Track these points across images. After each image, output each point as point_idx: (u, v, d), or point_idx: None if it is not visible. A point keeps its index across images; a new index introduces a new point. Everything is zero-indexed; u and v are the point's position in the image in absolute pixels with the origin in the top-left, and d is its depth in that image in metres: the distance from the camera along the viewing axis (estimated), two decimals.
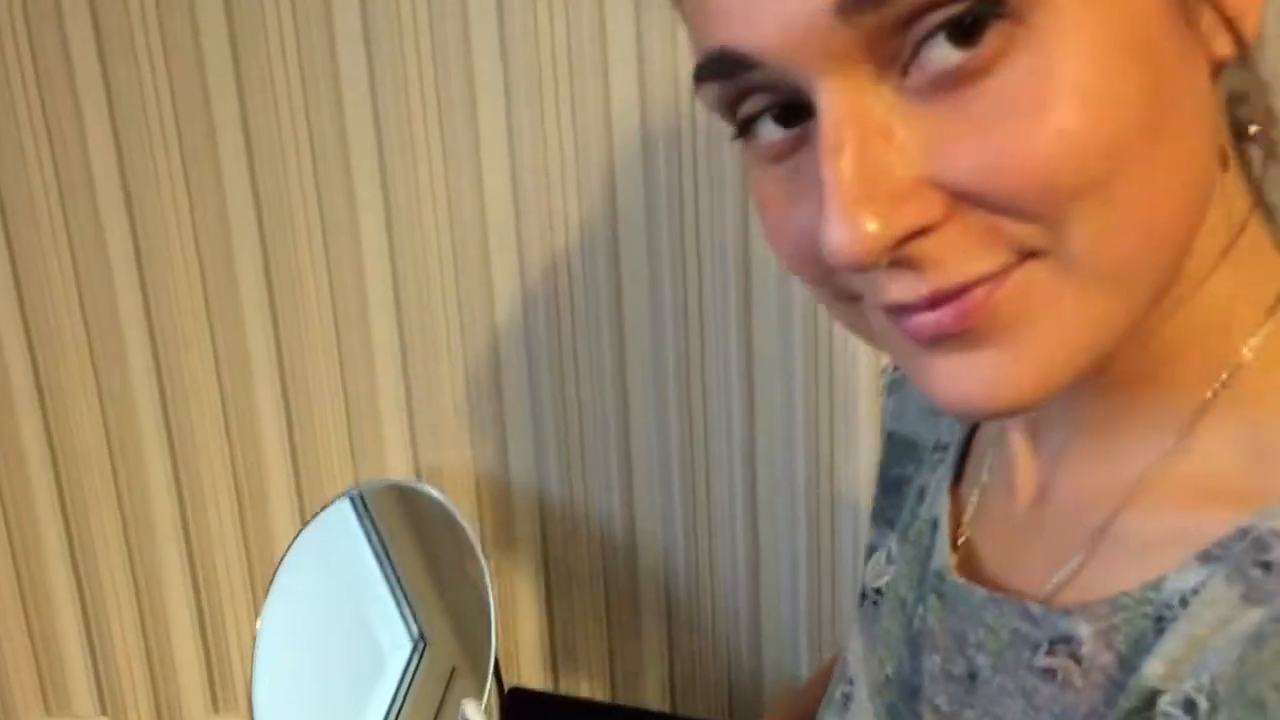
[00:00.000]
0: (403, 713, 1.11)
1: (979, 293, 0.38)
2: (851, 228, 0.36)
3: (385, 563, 1.14)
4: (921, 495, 0.58)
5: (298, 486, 1.15)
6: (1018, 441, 0.51)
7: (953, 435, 0.57)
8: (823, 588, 1.14)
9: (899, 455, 0.62)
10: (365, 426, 1.13)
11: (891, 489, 0.62)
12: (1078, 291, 0.38)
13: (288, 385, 1.12)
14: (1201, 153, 0.40)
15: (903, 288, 0.39)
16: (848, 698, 0.58)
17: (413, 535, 1.15)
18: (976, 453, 0.55)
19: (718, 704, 1.17)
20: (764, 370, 1.07)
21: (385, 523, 1.14)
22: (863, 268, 0.37)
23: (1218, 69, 0.41)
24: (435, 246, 1.07)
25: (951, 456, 0.56)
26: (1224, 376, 0.43)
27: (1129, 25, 0.37)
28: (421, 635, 1.12)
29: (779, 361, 1.06)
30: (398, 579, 1.15)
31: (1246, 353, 0.43)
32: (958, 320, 0.39)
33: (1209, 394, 0.43)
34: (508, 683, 1.15)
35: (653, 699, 1.18)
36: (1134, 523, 0.44)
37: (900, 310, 0.40)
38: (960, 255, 0.38)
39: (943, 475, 0.56)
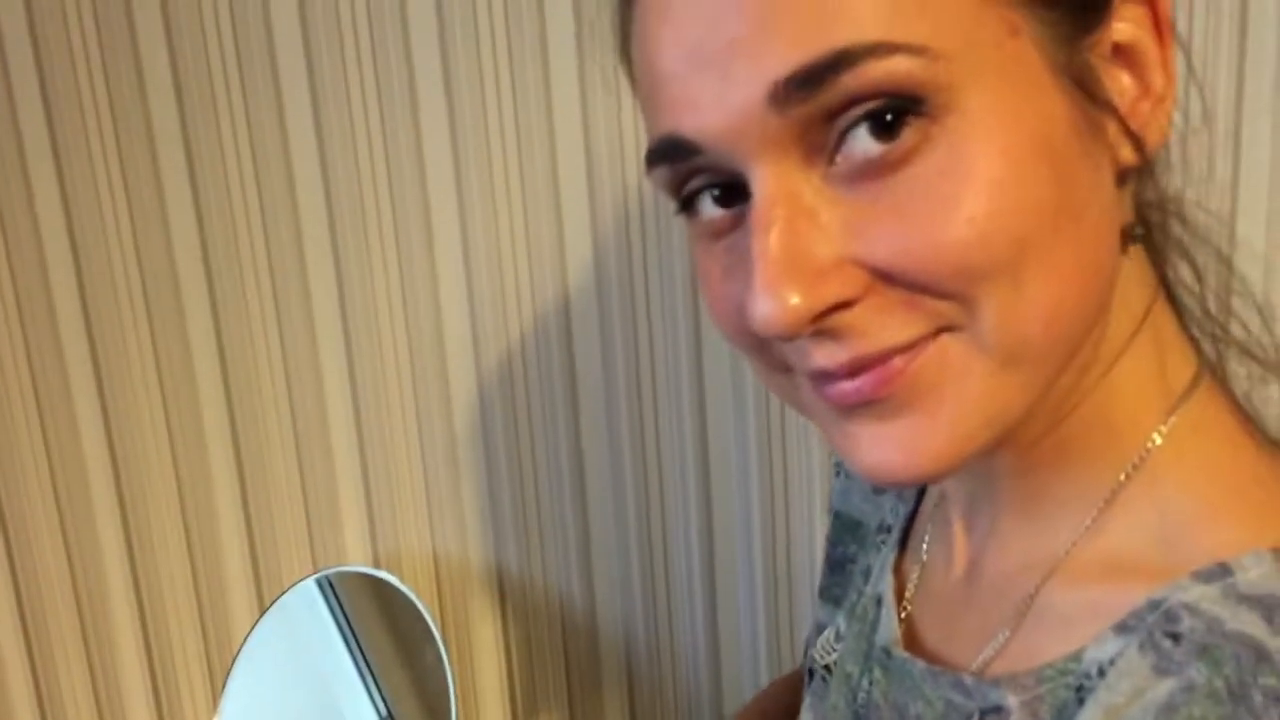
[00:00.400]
0: None
1: (897, 362, 0.42)
2: (776, 300, 0.40)
3: (350, 644, 1.14)
4: (867, 574, 0.60)
5: (256, 577, 1.15)
6: (954, 520, 0.54)
7: (895, 516, 0.60)
8: (782, 658, 1.15)
9: (845, 535, 0.65)
10: (323, 514, 1.13)
11: (838, 568, 0.64)
12: (987, 365, 0.41)
13: (245, 474, 1.12)
14: (1103, 245, 0.43)
15: (825, 355, 0.42)
16: None
17: (375, 618, 1.15)
18: (918, 531, 0.58)
19: None
20: (719, 447, 1.09)
21: (348, 606, 1.14)
22: (786, 337, 0.41)
23: (1124, 173, 0.44)
24: (390, 331, 1.08)
25: (895, 535, 0.59)
26: (1135, 461, 0.46)
27: (1035, 128, 0.40)
28: (389, 715, 1.12)
29: (734, 438, 1.08)
30: (362, 660, 1.15)
31: (1157, 438, 0.46)
32: (877, 387, 0.42)
33: (1122, 476, 0.46)
34: None
35: None
36: (1055, 597, 0.46)
37: (824, 377, 0.43)
38: (879, 326, 0.41)
39: (887, 554, 0.58)
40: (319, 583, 1.11)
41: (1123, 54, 0.43)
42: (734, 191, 0.43)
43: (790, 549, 1.11)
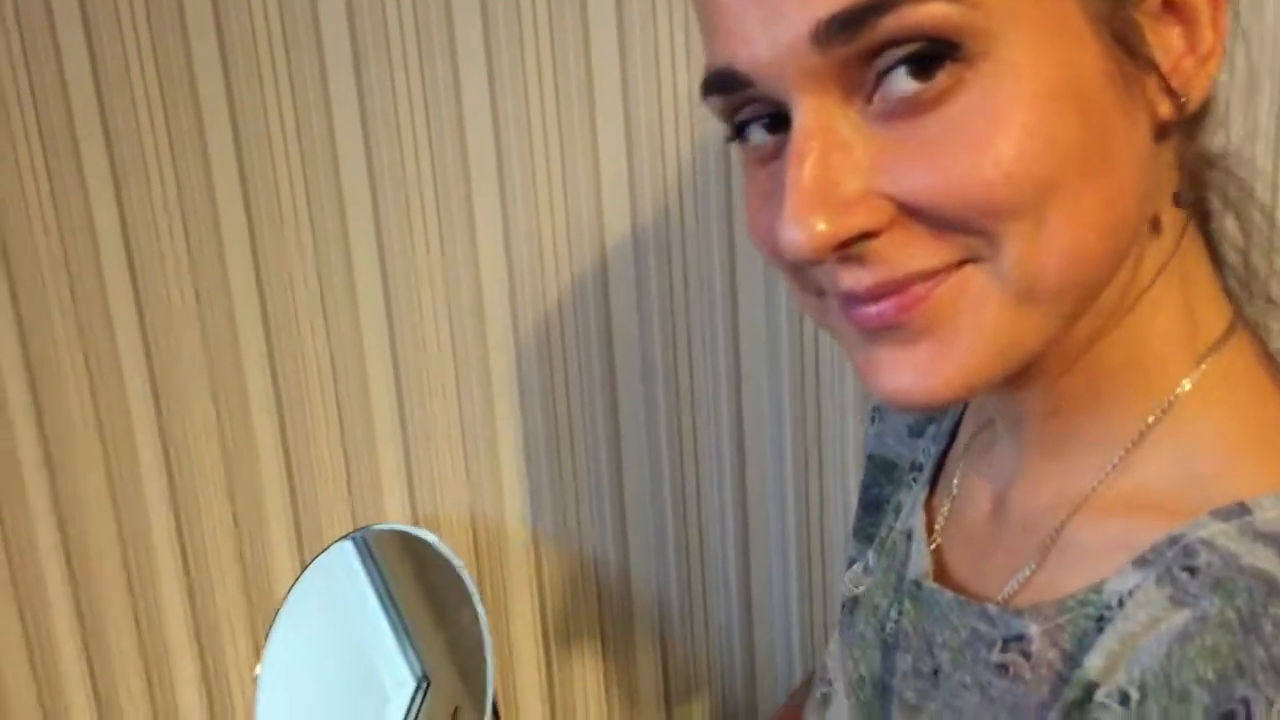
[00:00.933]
0: None
1: (918, 289, 0.44)
2: (803, 227, 0.42)
3: (386, 604, 1.16)
4: (898, 511, 0.62)
5: (297, 534, 1.16)
6: (984, 459, 0.56)
7: (928, 455, 0.62)
8: (814, 621, 1.16)
9: (879, 476, 0.68)
10: (363, 474, 1.14)
11: (872, 507, 0.67)
12: (1004, 298, 0.43)
13: (287, 433, 1.14)
14: (1129, 195, 0.44)
15: (852, 278, 0.45)
16: (827, 697, 0.62)
17: (411, 578, 1.16)
18: (949, 470, 0.60)
19: None
20: (753, 405, 1.09)
21: (385, 565, 1.16)
22: (811, 261, 0.43)
23: (1164, 128, 0.45)
24: (429, 293, 1.09)
25: (926, 473, 0.61)
26: (1164, 405, 0.47)
27: (1068, 78, 0.41)
28: (425, 675, 1.14)
29: (768, 396, 1.09)
30: (399, 620, 1.16)
31: (1186, 384, 0.47)
32: (898, 312, 0.44)
33: (1150, 419, 0.47)
34: None
35: None
36: (1079, 533, 0.48)
37: (850, 300, 0.45)
38: (903, 255, 0.44)
39: (918, 491, 0.60)
40: (358, 541, 1.13)
41: (1173, 9, 0.44)
42: (780, 121, 0.46)
43: (824, 512, 1.12)
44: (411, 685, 1.14)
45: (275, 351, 1.11)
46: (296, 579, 1.13)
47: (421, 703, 1.14)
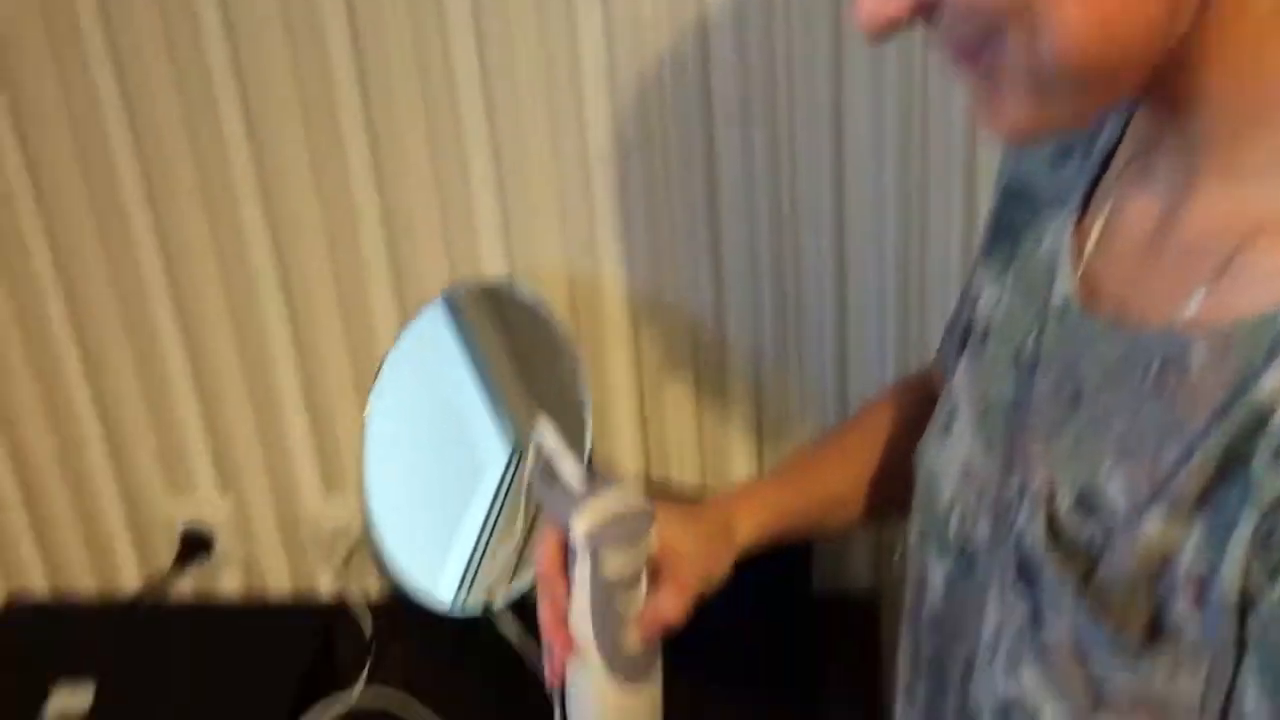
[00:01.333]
0: (510, 491, 1.17)
1: (984, 55, 0.48)
2: (869, 3, 0.48)
3: (483, 359, 1.18)
4: (1039, 238, 0.61)
5: (397, 286, 1.18)
6: (1140, 184, 0.54)
7: (1076, 182, 0.60)
8: (909, 363, 1.15)
9: (1013, 204, 0.66)
10: (460, 228, 1.15)
11: (1003, 235, 0.65)
12: (1018, 79, 0.48)
13: (384, 189, 1.14)
14: None
15: (937, 39, 0.50)
16: (949, 424, 0.62)
17: (509, 334, 1.18)
18: (1099, 195, 0.58)
19: None
20: (854, 154, 1.06)
21: (482, 321, 1.18)
22: (873, 31, 0.49)
23: None
24: (525, 47, 1.06)
25: (1075, 199, 0.59)
26: None
27: None
28: (519, 445, 1.17)
29: (869, 144, 1.06)
30: (495, 375, 1.19)
31: None
32: (969, 69, 0.50)
33: None
34: (601, 470, 1.20)
35: (742, 479, 1.22)
36: (1254, 256, 0.46)
37: (950, 58, 0.50)
38: (960, 27, 0.48)
39: (1065, 216, 0.59)
40: (455, 296, 1.14)
41: None
42: None
43: (925, 265, 1.10)
44: (505, 456, 1.18)
45: (372, 105, 1.10)
46: (397, 335, 1.16)
47: (514, 473, 1.18)
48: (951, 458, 0.61)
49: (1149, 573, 0.46)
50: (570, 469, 0.66)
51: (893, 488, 0.75)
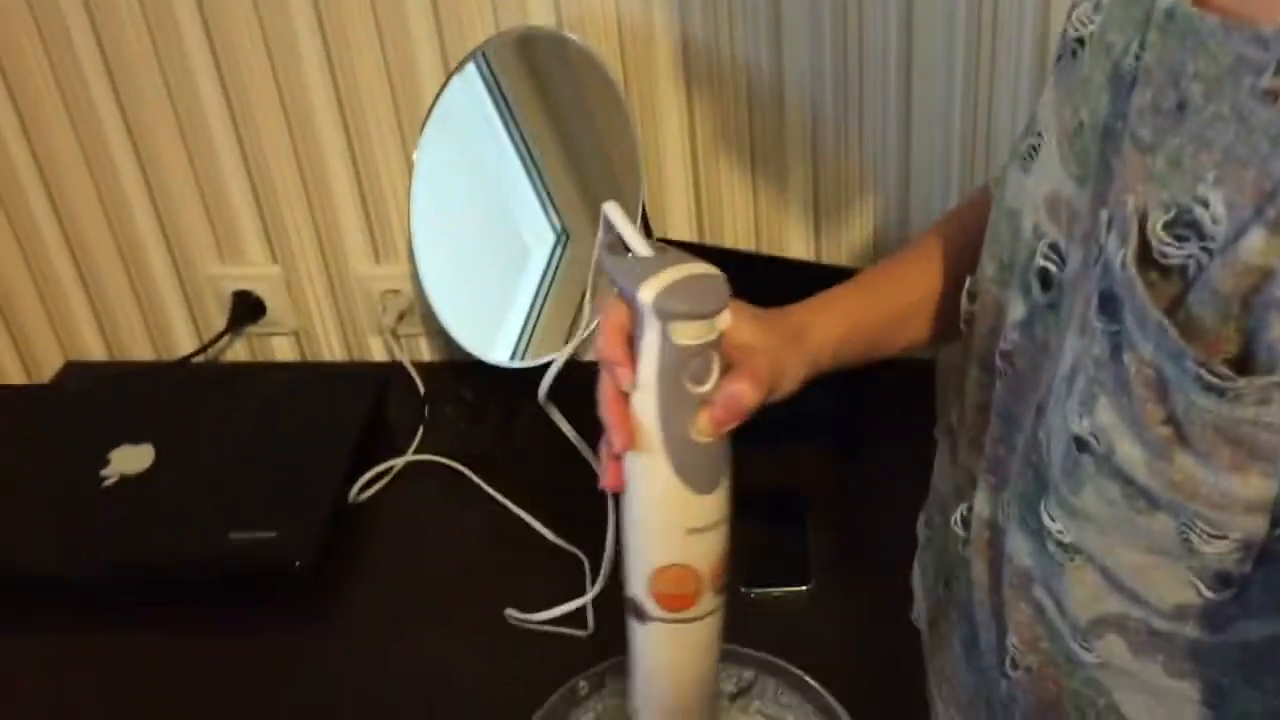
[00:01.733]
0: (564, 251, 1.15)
1: None
2: None
3: (525, 116, 1.14)
4: None
5: (440, 34, 1.13)
6: None
7: None
8: (975, 154, 1.12)
9: None
10: None
11: None
12: None
13: None
14: None
15: None
16: (1034, 150, 0.59)
17: (555, 89, 1.14)
18: None
19: (862, 253, 1.18)
20: None
21: (528, 72, 1.13)
22: None
23: None
24: None
25: None
26: None
27: None
28: (565, 229, 1.14)
29: None
30: (539, 132, 1.15)
31: None
32: None
33: None
34: (655, 234, 1.17)
35: (797, 250, 1.20)
36: None
37: None
38: None
39: None
40: (501, 45, 1.10)
41: None
42: None
43: (996, 28, 1.04)
44: (550, 218, 1.15)
45: None
46: (443, 85, 1.12)
47: (562, 228, 1.15)
48: (1035, 191, 0.58)
49: (1243, 295, 0.44)
50: (638, 242, 0.60)
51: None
